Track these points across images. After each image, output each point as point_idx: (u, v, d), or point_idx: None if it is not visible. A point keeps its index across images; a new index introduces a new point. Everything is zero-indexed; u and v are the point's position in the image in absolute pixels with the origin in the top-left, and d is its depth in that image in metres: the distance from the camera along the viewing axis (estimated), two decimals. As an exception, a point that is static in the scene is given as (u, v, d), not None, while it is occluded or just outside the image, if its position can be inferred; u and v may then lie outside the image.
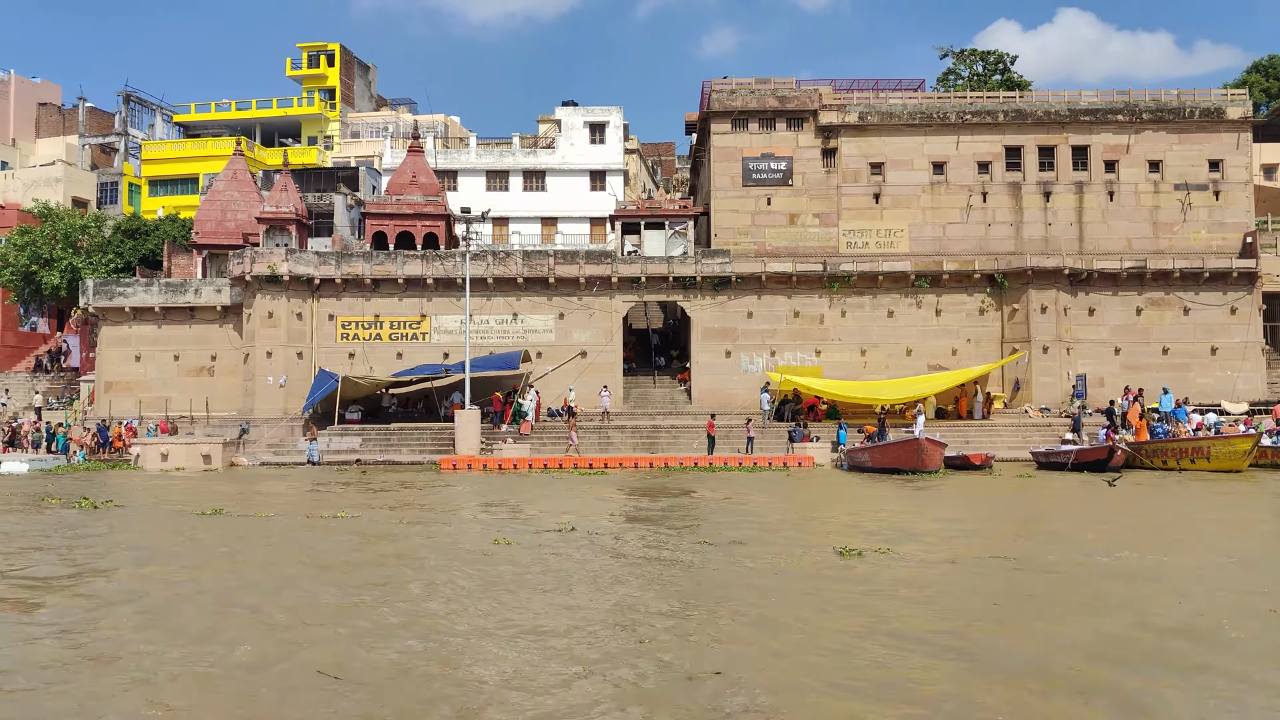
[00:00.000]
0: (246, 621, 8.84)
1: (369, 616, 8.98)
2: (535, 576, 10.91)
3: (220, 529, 15.29)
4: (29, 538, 14.30)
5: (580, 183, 51.87)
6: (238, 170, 44.09)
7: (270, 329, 37.54)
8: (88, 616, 9.12)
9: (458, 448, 32.80)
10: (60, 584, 10.85)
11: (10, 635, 8.36)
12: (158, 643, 8.08)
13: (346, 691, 6.69)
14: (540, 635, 8.23)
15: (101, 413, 38.94)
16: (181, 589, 10.39)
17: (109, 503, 19.09)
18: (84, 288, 39.70)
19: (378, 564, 11.98)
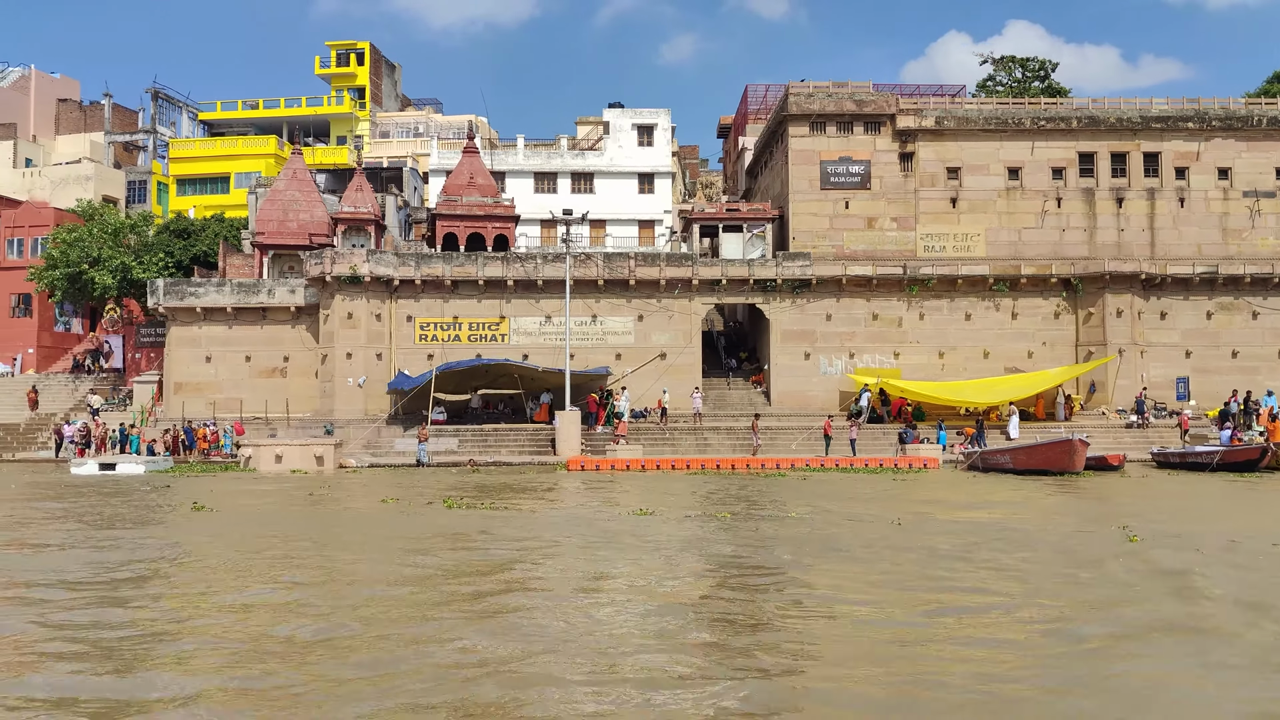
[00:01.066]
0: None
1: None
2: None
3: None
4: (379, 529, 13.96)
5: (628, 185, 51.79)
6: (297, 170, 43.47)
7: (350, 330, 37.07)
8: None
9: (559, 448, 32.62)
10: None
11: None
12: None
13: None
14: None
15: (173, 414, 38.23)
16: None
17: (386, 501, 18.79)
18: (153, 287, 38.96)
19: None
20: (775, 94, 56.98)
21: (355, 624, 8.17)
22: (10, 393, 47.12)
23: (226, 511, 17.70)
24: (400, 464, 31.41)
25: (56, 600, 9.31)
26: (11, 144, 57.67)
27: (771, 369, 38.33)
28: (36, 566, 11.41)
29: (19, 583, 10.26)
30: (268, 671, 6.77)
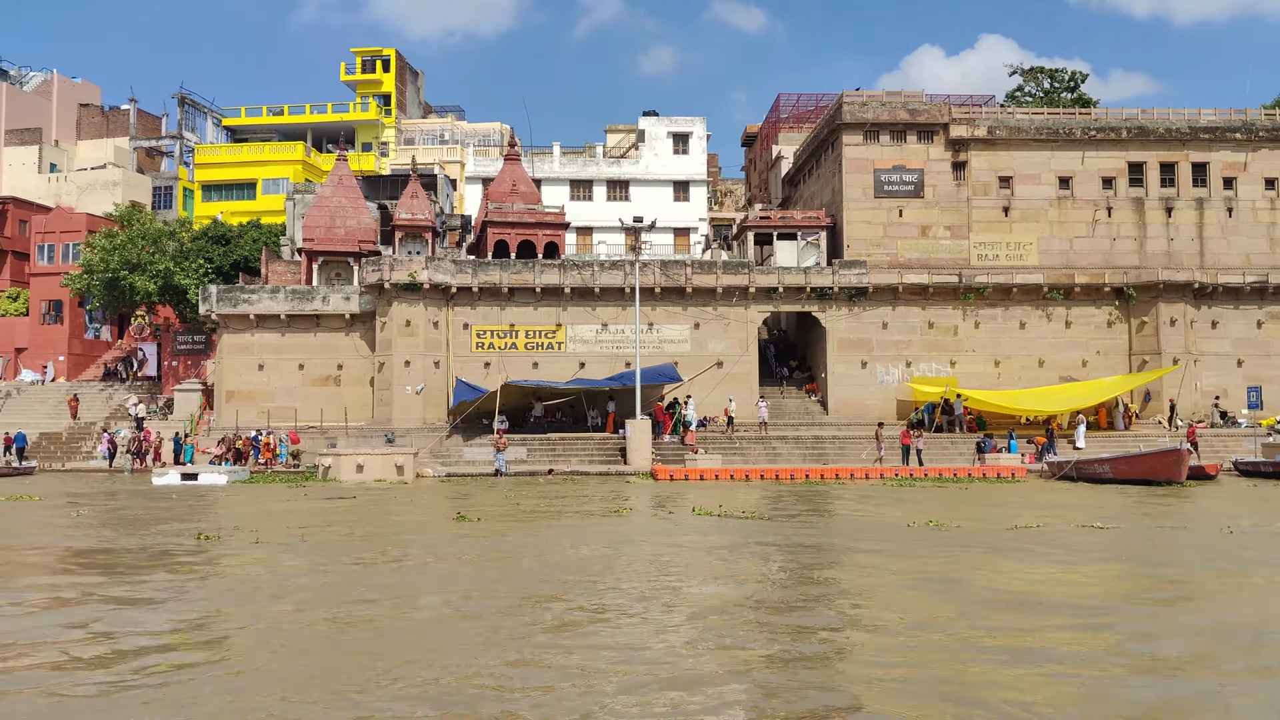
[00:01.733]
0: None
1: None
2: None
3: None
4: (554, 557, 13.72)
5: (664, 193, 51.87)
6: (343, 176, 43.23)
7: (408, 337, 36.84)
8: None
9: (630, 458, 32.53)
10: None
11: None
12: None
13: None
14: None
15: (225, 423, 37.86)
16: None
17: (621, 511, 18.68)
18: (205, 294, 38.60)
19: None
20: (807, 102, 57.29)
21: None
22: (43, 401, 46.59)
23: (494, 519, 17.41)
24: (476, 473, 31.17)
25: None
26: (36, 149, 57.11)
27: (828, 378, 38.37)
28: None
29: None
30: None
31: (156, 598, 10.19)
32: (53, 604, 10.11)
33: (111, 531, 16.29)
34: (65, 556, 13.52)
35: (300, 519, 18.21)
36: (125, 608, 9.67)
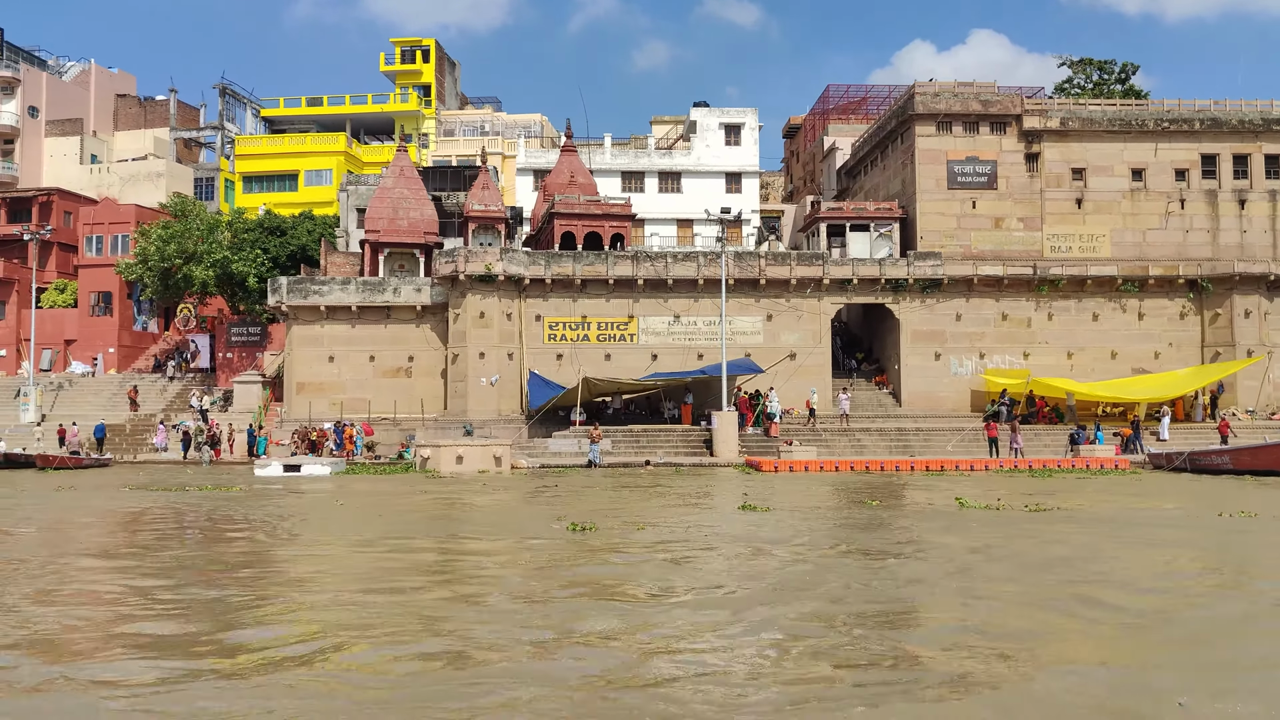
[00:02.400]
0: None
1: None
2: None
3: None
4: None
5: (716, 184, 51.51)
6: (404, 167, 42.88)
7: (482, 329, 36.55)
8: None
9: (716, 450, 32.31)
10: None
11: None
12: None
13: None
14: None
15: (297, 414, 37.56)
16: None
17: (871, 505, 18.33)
18: (275, 285, 38.24)
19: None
20: (856, 94, 57.04)
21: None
22: (97, 393, 46.26)
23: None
24: (569, 464, 30.91)
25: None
26: (77, 140, 56.61)
27: (901, 370, 38.17)
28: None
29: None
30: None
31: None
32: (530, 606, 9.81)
33: (432, 524, 15.88)
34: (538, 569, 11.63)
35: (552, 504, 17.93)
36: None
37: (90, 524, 16.47)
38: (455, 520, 16.88)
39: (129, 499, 20.93)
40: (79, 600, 9.45)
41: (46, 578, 10.66)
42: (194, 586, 10.00)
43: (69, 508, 19.04)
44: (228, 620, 8.38)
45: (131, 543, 13.84)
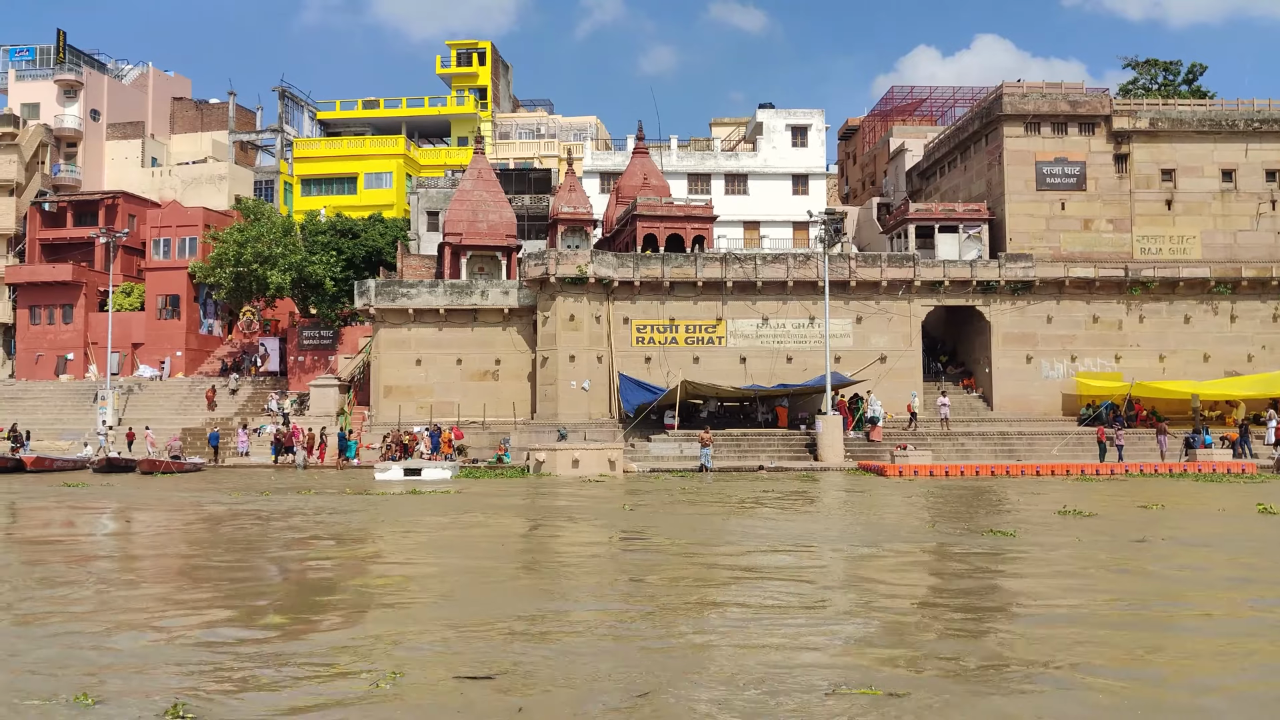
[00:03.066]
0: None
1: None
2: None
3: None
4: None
5: (783, 186, 51.24)
6: (482, 170, 42.70)
7: (572, 332, 36.32)
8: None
9: (821, 454, 32.01)
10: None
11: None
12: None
13: None
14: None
15: (385, 418, 37.37)
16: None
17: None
18: (363, 288, 38.07)
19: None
20: (919, 95, 56.73)
21: None
22: (167, 396, 46.15)
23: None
24: (677, 468, 30.60)
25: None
26: (139, 143, 56.59)
27: (992, 373, 37.83)
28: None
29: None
30: None
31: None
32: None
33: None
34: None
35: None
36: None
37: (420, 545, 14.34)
38: (730, 530, 16.04)
39: (324, 508, 20.16)
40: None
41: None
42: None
43: (298, 522, 17.54)
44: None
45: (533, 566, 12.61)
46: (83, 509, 20.66)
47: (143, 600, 9.94)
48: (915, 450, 30.10)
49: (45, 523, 18.33)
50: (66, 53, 56.31)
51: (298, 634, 8.25)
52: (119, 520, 18.67)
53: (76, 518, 19.09)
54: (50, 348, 49.68)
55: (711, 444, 30.61)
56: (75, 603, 9.69)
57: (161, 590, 10.78)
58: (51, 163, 54.21)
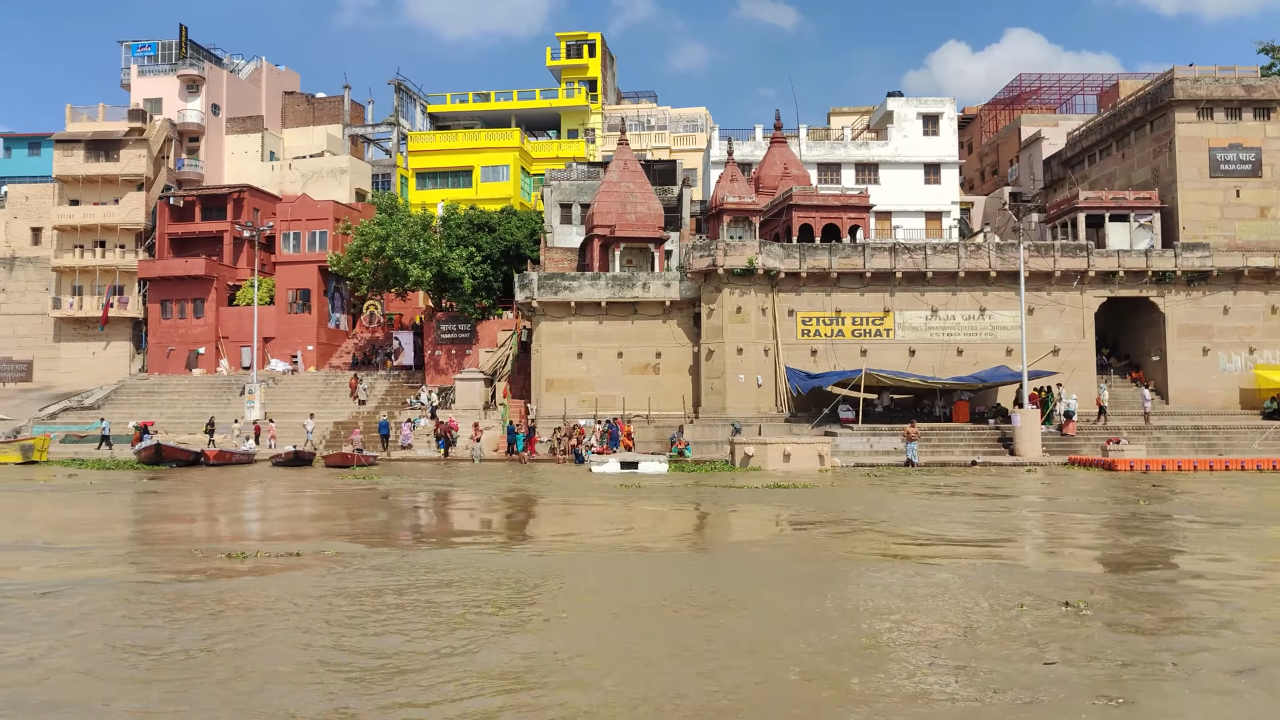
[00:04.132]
0: None
1: None
2: None
3: None
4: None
5: (914, 175, 50.32)
6: (628, 161, 42.22)
7: (739, 324, 35.73)
8: None
9: (1019, 448, 31.21)
10: None
11: None
12: None
13: None
14: None
15: (548, 411, 37.01)
16: None
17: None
18: (525, 281, 37.69)
19: None
20: (1048, 81, 55.59)
21: None
22: (304, 390, 46.16)
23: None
24: (884, 463, 29.91)
25: None
26: (258, 137, 56.68)
27: (1168, 366, 36.79)
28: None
29: None
30: None
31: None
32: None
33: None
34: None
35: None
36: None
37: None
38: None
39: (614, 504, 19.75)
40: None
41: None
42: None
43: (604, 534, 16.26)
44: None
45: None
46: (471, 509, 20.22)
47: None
48: (1130, 444, 29.20)
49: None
50: (188, 48, 56.45)
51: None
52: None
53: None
54: (181, 342, 49.86)
55: (917, 438, 29.86)
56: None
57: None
58: (175, 157, 54.40)
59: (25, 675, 6.93)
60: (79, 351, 51.83)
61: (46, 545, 13.75)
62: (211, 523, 17.70)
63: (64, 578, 10.77)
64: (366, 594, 9.76)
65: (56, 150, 52.12)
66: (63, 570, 11.38)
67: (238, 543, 13.90)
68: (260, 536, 15.17)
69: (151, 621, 8.61)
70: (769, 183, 44.14)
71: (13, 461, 34.62)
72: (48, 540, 14.27)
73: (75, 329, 51.88)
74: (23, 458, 34.71)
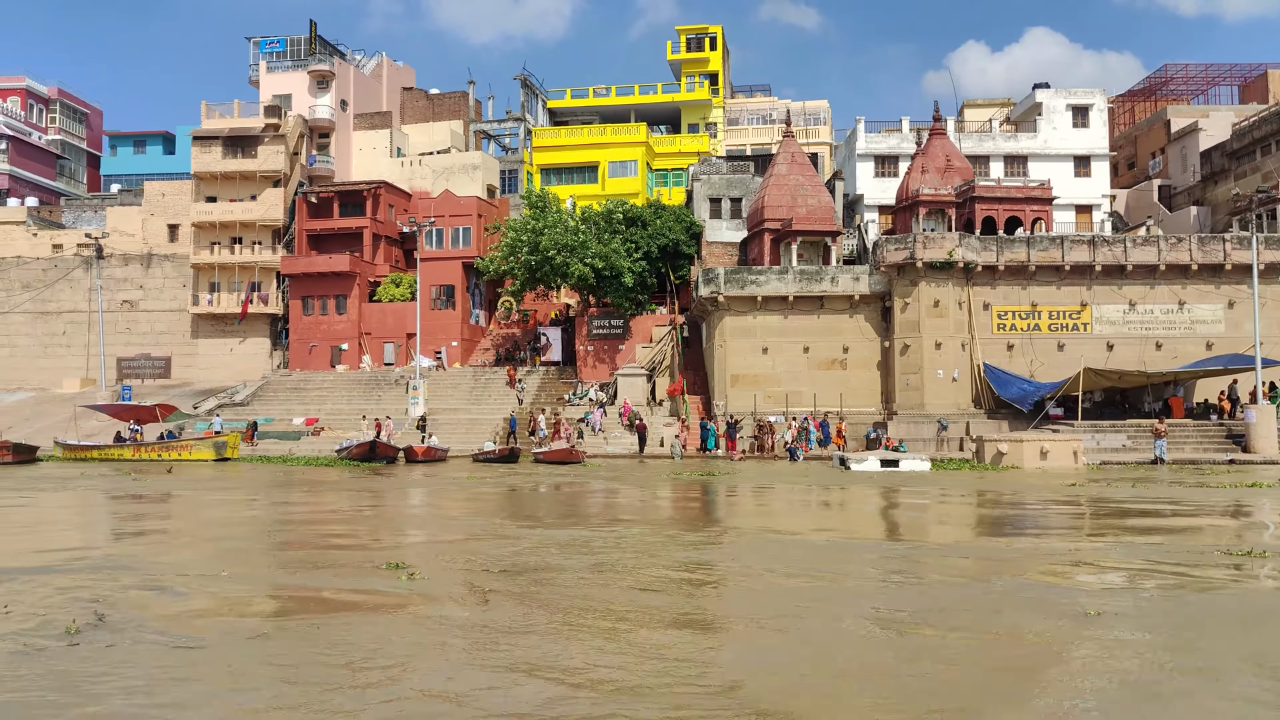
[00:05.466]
0: None
1: None
2: None
3: None
4: None
5: (1064, 168, 49.15)
6: (795, 153, 41.59)
7: (936, 319, 34.95)
8: None
9: (1255, 445, 30.24)
10: None
11: None
12: None
13: None
14: None
15: (736, 407, 36.36)
16: None
17: None
18: (711, 275, 37.08)
19: None
20: (1196, 72, 54.39)
21: None
22: (455, 385, 45.80)
23: None
24: (1126, 460, 29.05)
25: None
26: (386, 133, 56.40)
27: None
28: None
29: None
30: None
31: None
32: None
33: None
34: None
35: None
36: None
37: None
38: None
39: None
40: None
41: None
42: None
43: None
44: None
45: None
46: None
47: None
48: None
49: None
50: (317, 44, 56.26)
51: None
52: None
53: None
54: (324, 338, 49.60)
55: (1166, 435, 28.96)
56: None
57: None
58: (307, 153, 54.20)
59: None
60: (216, 348, 51.74)
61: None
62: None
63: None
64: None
65: (195, 147, 52.02)
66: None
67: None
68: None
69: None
70: (934, 174, 43.28)
71: (207, 459, 34.43)
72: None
73: (212, 325, 51.79)
74: (216, 455, 34.49)
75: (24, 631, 7.62)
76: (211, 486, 23.76)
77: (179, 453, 34.58)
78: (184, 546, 13.01)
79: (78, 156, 71.66)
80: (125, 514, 17.94)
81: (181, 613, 8.48)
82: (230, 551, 12.34)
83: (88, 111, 73.16)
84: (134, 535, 14.53)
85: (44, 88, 68.83)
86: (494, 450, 32.68)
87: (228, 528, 15.01)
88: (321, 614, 8.56)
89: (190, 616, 8.33)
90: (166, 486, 23.63)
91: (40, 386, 51.16)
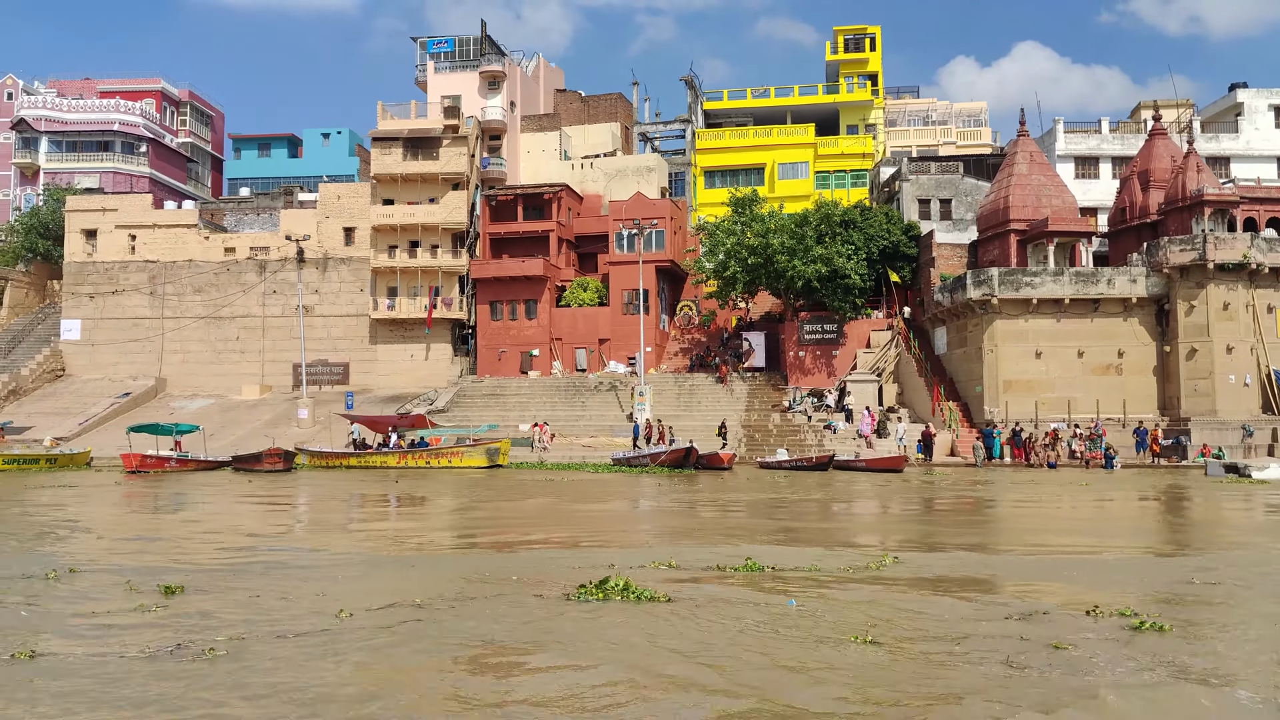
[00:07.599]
0: None
1: None
2: None
3: None
4: None
5: (1267, 169, 48.16)
6: (1033, 153, 40.65)
7: (1226, 322, 33.98)
8: None
9: None
10: None
11: None
12: None
13: None
14: None
15: (1017, 413, 35.32)
16: None
17: None
18: (982, 277, 36.08)
19: None
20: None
21: None
22: (660, 392, 44.68)
23: None
24: None
25: None
26: (555, 135, 55.45)
27: None
28: None
29: None
30: None
31: None
32: None
33: None
34: None
35: None
36: None
37: None
38: None
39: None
40: None
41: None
42: None
43: None
44: None
45: None
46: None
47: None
48: None
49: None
50: (486, 45, 55.37)
51: None
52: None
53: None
54: (513, 344, 48.58)
55: None
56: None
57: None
58: (480, 156, 53.23)
59: None
60: (395, 354, 50.69)
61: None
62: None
63: None
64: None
65: (374, 149, 51.06)
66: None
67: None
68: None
69: None
70: (1159, 175, 42.27)
71: (478, 465, 33.42)
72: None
73: (391, 330, 50.75)
74: (488, 461, 33.48)
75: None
76: (589, 495, 22.66)
77: (449, 459, 33.55)
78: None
79: (203, 159, 70.84)
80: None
81: None
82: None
83: (213, 115, 72.36)
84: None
85: (176, 90, 68.01)
86: (797, 458, 31.62)
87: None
88: None
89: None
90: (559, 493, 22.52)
91: (217, 394, 50.08)
